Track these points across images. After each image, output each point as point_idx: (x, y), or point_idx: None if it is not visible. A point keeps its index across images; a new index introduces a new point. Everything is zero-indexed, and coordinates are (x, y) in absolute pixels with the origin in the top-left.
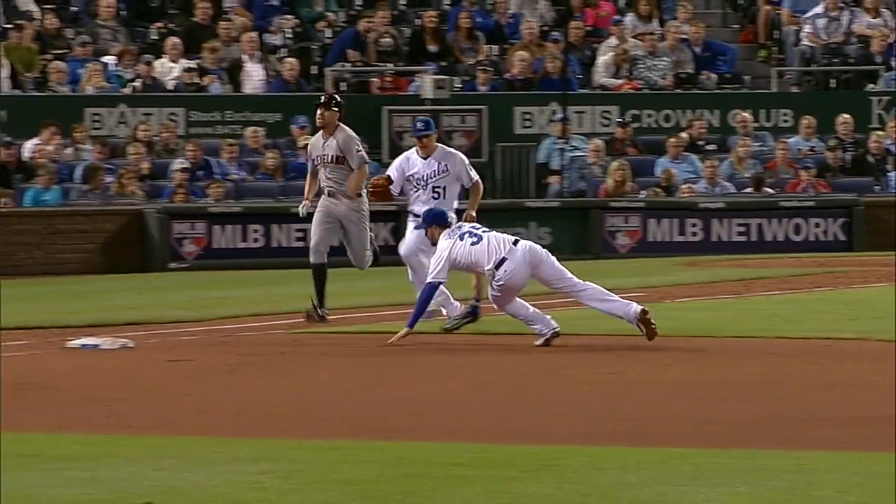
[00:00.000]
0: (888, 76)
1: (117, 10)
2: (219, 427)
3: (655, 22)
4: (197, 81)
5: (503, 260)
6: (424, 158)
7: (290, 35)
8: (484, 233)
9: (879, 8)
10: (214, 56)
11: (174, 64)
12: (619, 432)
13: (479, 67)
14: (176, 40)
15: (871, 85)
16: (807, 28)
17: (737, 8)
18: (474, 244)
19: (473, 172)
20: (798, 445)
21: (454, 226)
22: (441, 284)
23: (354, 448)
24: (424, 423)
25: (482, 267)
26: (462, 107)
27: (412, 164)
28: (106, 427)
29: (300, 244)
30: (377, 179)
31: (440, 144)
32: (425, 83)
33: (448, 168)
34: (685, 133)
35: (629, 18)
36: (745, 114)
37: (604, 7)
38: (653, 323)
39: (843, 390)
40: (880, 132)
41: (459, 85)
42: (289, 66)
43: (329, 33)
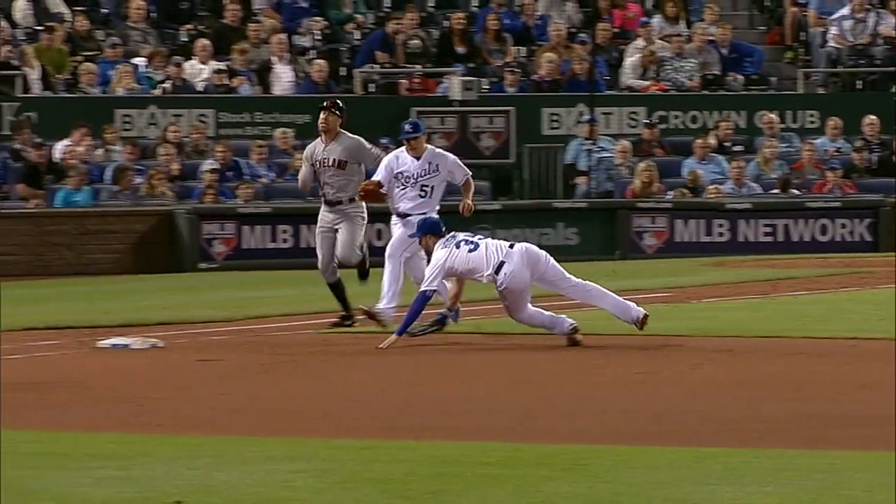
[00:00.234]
0: None
1: (147, 12)
2: (252, 427)
3: (682, 23)
4: (226, 83)
5: (501, 264)
6: (416, 158)
7: (319, 37)
8: (480, 240)
9: None
10: (244, 58)
11: (204, 66)
12: (650, 432)
13: (507, 69)
14: (206, 42)
15: None
16: (833, 29)
17: (763, 9)
18: (471, 251)
19: (464, 167)
20: (827, 445)
21: (448, 235)
22: (435, 293)
23: (386, 447)
24: (455, 423)
25: (481, 273)
26: (490, 108)
27: (402, 163)
28: (138, 426)
29: None
30: (367, 184)
31: (429, 145)
32: (453, 84)
33: (438, 168)
34: (712, 134)
35: (656, 20)
36: (772, 115)
37: (631, 9)
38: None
39: (873, 390)
40: None
41: (487, 86)
42: (318, 68)
43: (358, 35)
